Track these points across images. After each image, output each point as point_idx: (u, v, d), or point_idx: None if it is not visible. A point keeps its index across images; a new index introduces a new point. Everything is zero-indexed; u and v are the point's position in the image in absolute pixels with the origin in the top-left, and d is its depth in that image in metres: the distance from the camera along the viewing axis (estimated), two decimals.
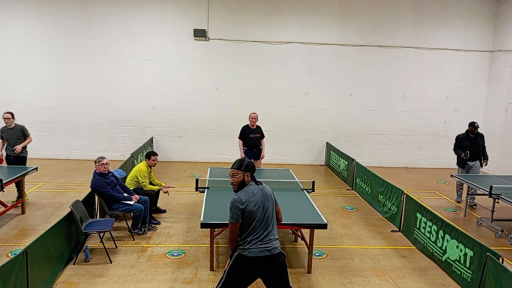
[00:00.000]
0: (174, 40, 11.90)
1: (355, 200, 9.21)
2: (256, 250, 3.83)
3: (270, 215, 3.99)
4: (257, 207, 3.89)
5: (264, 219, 3.92)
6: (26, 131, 8.14)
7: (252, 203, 3.88)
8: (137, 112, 12.18)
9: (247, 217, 3.88)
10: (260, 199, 3.93)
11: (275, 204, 4.13)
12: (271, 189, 4.17)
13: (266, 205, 3.95)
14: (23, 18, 11.50)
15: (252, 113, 9.22)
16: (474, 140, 8.79)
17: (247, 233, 3.89)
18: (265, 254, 3.83)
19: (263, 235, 3.88)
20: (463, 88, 12.71)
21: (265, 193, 4.01)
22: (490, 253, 4.82)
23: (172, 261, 5.88)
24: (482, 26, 12.41)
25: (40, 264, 4.81)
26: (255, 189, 3.97)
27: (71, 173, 10.54)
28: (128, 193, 6.84)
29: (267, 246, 3.86)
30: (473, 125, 8.73)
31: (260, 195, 3.95)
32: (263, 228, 3.90)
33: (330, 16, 12.06)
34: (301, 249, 6.39)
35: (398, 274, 5.78)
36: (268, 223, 3.95)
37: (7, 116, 7.85)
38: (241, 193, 3.93)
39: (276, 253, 3.88)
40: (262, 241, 3.87)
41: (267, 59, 12.15)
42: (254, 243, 3.85)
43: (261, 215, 3.91)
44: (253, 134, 9.15)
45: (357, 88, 12.49)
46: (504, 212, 8.50)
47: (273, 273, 3.89)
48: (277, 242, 3.95)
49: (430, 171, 12.41)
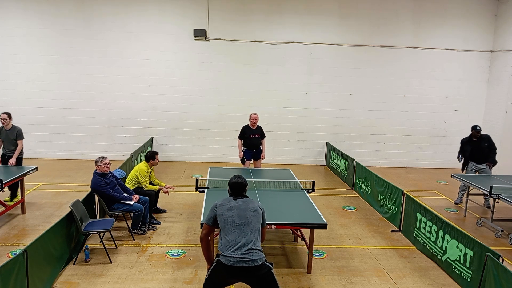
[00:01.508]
0: (174, 40, 11.90)
1: (355, 200, 9.21)
2: (233, 259, 3.76)
3: (251, 226, 3.93)
4: (231, 212, 3.96)
5: (242, 227, 3.90)
6: (20, 135, 7.97)
7: (226, 206, 4.02)
8: (137, 112, 12.18)
9: (221, 220, 3.98)
10: (238, 207, 4.00)
11: (262, 223, 4.10)
12: (262, 207, 4.17)
13: (246, 214, 3.97)
14: (23, 18, 11.50)
15: (253, 113, 9.15)
16: (476, 143, 8.74)
17: (223, 238, 3.91)
18: (241, 265, 3.75)
19: (240, 244, 3.81)
20: (463, 88, 12.71)
21: (248, 204, 4.06)
22: (490, 253, 4.82)
23: (172, 261, 5.88)
24: (482, 26, 12.41)
25: (40, 264, 4.81)
26: (233, 200, 4.11)
27: (71, 173, 10.54)
28: (128, 193, 6.84)
29: (244, 257, 3.76)
30: (474, 129, 8.67)
31: (239, 203, 4.04)
32: (240, 235, 3.86)
33: (330, 16, 12.06)
34: (301, 249, 6.39)
35: (398, 274, 5.78)
36: (247, 232, 3.88)
37: (3, 117, 7.81)
38: (220, 199, 4.16)
39: (254, 265, 3.76)
40: (240, 250, 3.79)
41: (267, 59, 12.15)
42: (231, 250, 3.80)
43: (238, 221, 3.91)
44: (253, 135, 9.10)
45: (357, 88, 12.49)
46: (504, 212, 8.50)
47: (255, 282, 3.82)
48: (257, 255, 3.83)
49: (430, 171, 12.41)
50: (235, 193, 4.15)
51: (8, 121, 7.87)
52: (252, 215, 3.99)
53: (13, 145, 7.98)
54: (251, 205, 4.07)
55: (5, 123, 7.87)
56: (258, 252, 3.85)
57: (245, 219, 3.94)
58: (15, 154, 7.93)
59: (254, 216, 4.00)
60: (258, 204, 4.16)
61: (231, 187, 4.17)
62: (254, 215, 4.01)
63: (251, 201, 4.14)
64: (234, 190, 4.16)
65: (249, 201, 4.13)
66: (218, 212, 4.01)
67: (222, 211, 4.00)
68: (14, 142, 7.96)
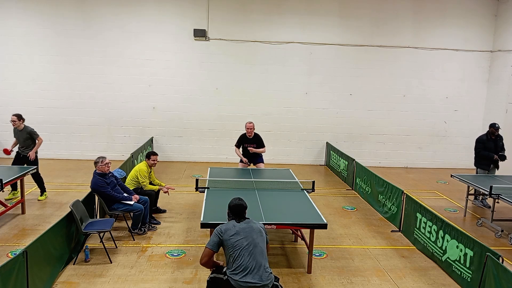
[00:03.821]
0: (174, 40, 11.90)
1: (355, 200, 9.21)
2: (244, 284, 3.78)
3: (259, 248, 3.97)
4: (238, 236, 3.95)
5: (251, 250, 3.91)
6: (34, 134, 8.26)
7: (232, 231, 3.99)
8: (137, 112, 12.18)
9: (228, 245, 3.94)
10: (242, 230, 4.01)
11: (266, 241, 4.14)
12: (263, 226, 4.21)
13: (252, 235, 3.99)
14: (23, 18, 11.50)
15: (248, 122, 8.55)
16: (495, 141, 8.64)
17: (233, 262, 3.91)
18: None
19: (251, 268, 3.84)
20: (463, 88, 12.71)
21: (251, 226, 4.08)
22: (490, 253, 4.82)
23: (172, 261, 5.88)
24: (482, 26, 12.41)
25: (40, 264, 4.81)
26: (237, 223, 4.09)
27: (71, 173, 10.54)
28: (128, 193, 6.84)
29: (256, 283, 3.79)
30: (494, 126, 8.52)
31: (243, 226, 4.05)
32: (250, 259, 3.87)
33: (330, 16, 12.06)
34: (301, 249, 6.39)
35: (398, 274, 5.78)
36: (256, 255, 3.91)
37: (13, 119, 8.10)
38: (223, 224, 4.13)
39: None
40: (251, 274, 3.81)
41: (267, 59, 12.15)
42: (242, 275, 3.82)
43: (246, 244, 3.92)
44: (249, 145, 8.56)
45: (357, 88, 12.48)
46: (504, 212, 8.50)
47: None
48: (267, 278, 3.87)
49: (430, 171, 12.41)
50: (237, 216, 4.14)
51: (18, 123, 8.12)
52: (258, 237, 4.02)
53: (26, 145, 8.26)
54: (254, 226, 4.10)
55: (15, 125, 8.13)
56: (269, 275, 3.91)
57: (253, 241, 3.96)
58: (34, 148, 8.27)
59: (260, 237, 4.04)
60: (260, 224, 4.20)
61: (233, 210, 4.15)
62: (260, 235, 4.06)
63: (253, 222, 4.17)
64: (236, 213, 4.15)
65: (251, 222, 4.15)
66: (224, 238, 3.98)
67: (228, 237, 3.97)
68: (27, 142, 8.24)
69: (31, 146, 8.26)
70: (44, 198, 8.38)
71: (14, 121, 8.08)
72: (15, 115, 8.12)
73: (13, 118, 8.10)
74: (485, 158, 8.63)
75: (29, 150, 8.21)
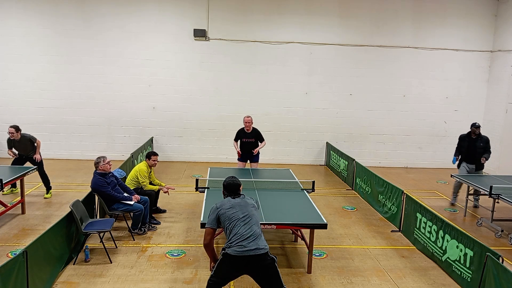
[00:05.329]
0: (174, 40, 11.90)
1: (355, 200, 9.21)
2: (238, 249, 3.91)
3: (255, 219, 4.15)
4: (234, 209, 4.13)
5: (247, 220, 4.08)
6: (33, 139, 8.32)
7: (227, 205, 4.17)
8: (137, 112, 12.18)
9: (225, 218, 4.10)
10: (237, 203, 4.20)
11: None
12: (255, 201, 4.47)
13: (247, 208, 4.18)
14: (23, 18, 11.50)
15: (246, 116, 8.69)
16: (473, 141, 8.56)
17: (230, 233, 4.04)
18: (248, 254, 3.89)
19: (247, 235, 3.97)
20: (463, 88, 12.71)
21: (246, 201, 4.28)
22: (490, 253, 4.82)
23: (172, 261, 5.89)
24: (482, 26, 12.41)
25: (40, 264, 4.81)
26: (232, 199, 4.28)
27: (71, 173, 10.54)
28: (129, 193, 6.84)
29: (250, 247, 3.92)
30: (474, 125, 8.49)
31: (238, 201, 4.24)
32: (247, 228, 4.02)
33: (330, 16, 12.06)
34: (301, 249, 6.39)
35: (398, 274, 5.78)
36: (252, 225, 4.07)
37: (11, 131, 8.05)
38: (217, 202, 4.31)
39: (259, 253, 3.91)
40: (247, 240, 3.95)
41: (267, 59, 12.15)
42: (237, 242, 3.94)
43: (242, 216, 4.09)
44: (247, 139, 8.68)
45: (357, 88, 12.49)
46: (504, 212, 8.50)
47: (259, 273, 3.96)
48: (263, 244, 4.01)
49: (430, 171, 12.41)
50: (232, 193, 4.33)
51: (15, 134, 8.10)
52: (253, 210, 4.23)
53: (27, 150, 8.32)
54: (249, 201, 4.32)
55: (13, 136, 8.12)
56: (263, 241, 4.04)
57: (248, 213, 4.14)
58: (37, 150, 8.34)
59: (254, 210, 4.25)
60: (251, 199, 4.41)
61: (227, 187, 4.35)
62: (254, 209, 4.27)
63: (247, 197, 4.39)
64: (230, 190, 4.34)
65: (246, 198, 4.36)
66: (221, 212, 4.14)
67: (224, 211, 4.14)
68: (28, 148, 8.30)
69: (34, 149, 8.34)
70: (50, 196, 8.47)
71: (12, 133, 8.01)
72: (13, 127, 8.05)
73: (11, 131, 8.00)
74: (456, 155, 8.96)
75: (33, 153, 8.30)
